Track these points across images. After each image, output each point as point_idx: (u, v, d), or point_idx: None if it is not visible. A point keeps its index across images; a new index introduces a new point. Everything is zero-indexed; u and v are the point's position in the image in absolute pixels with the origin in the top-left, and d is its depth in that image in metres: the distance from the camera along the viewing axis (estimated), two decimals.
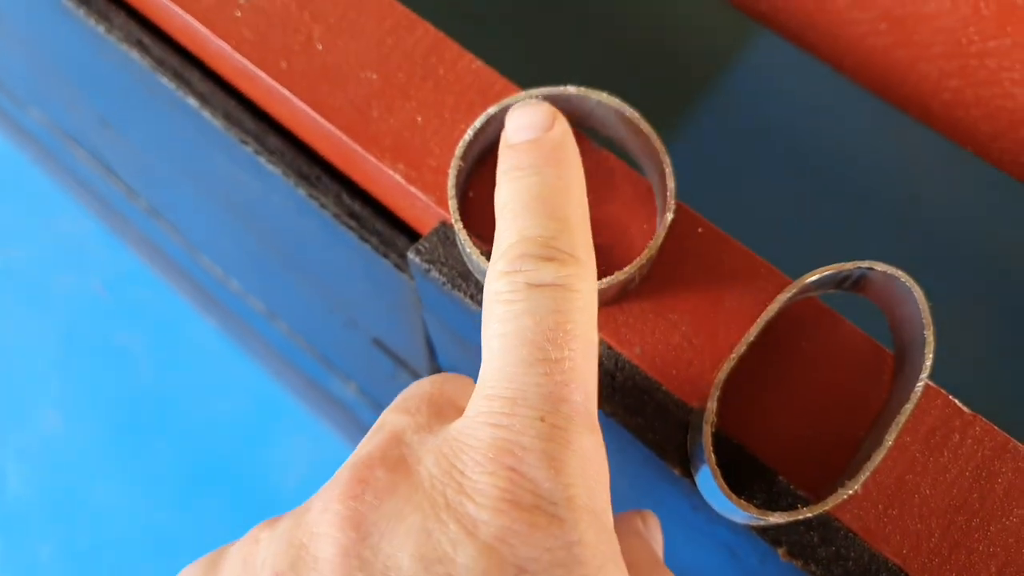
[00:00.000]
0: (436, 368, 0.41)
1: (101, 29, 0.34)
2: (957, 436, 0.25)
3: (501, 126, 0.27)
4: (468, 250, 0.25)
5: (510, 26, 0.77)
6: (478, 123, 0.26)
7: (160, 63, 0.33)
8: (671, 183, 0.26)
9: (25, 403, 1.00)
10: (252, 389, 0.98)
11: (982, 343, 0.70)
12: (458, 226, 0.25)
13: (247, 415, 0.98)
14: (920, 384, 0.23)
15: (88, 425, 0.99)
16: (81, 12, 0.34)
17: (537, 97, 0.26)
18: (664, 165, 0.26)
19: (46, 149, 0.90)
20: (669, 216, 0.25)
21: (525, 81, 0.29)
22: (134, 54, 0.33)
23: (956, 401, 0.26)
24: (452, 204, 0.25)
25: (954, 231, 0.74)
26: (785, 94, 0.79)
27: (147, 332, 1.03)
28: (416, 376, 0.45)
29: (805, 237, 0.74)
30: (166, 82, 0.33)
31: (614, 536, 0.18)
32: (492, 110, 0.26)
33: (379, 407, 0.68)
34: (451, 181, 0.26)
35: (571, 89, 0.26)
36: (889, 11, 0.39)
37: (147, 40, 0.33)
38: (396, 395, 0.22)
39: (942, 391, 0.26)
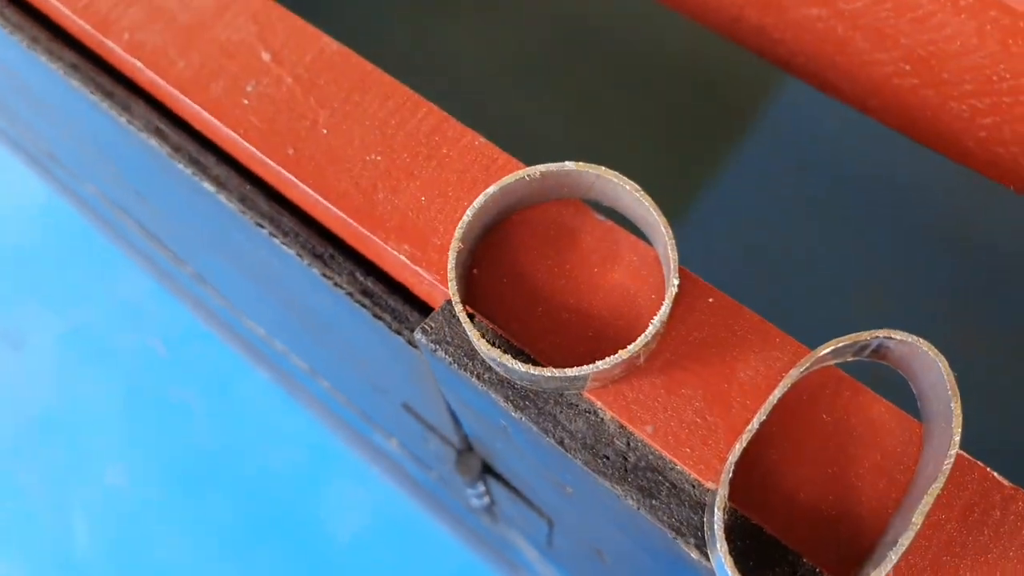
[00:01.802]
0: (462, 436, 0.41)
1: (123, 119, 0.35)
2: (998, 512, 0.24)
3: (500, 204, 0.27)
4: (469, 333, 0.25)
5: (545, 73, 0.78)
6: (477, 204, 0.26)
7: (177, 149, 0.34)
8: (674, 254, 0.25)
9: (91, 458, 1.04)
10: (305, 439, 0.99)
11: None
12: (458, 308, 0.25)
13: (301, 465, 0.99)
14: (949, 461, 0.22)
15: (150, 478, 1.02)
16: (105, 105, 0.35)
17: (537, 173, 0.26)
18: (666, 236, 0.25)
19: (103, 218, 0.94)
20: (673, 289, 0.25)
21: (560, 130, 0.29)
22: (153, 141, 0.34)
23: (995, 474, 0.24)
24: (452, 287, 0.25)
25: (1010, 264, 0.70)
26: (825, 126, 0.77)
27: (203, 388, 1.06)
28: (447, 442, 0.45)
29: (853, 275, 0.71)
30: (183, 167, 0.34)
31: None
32: (491, 190, 0.26)
33: (421, 463, 0.68)
34: (451, 263, 0.25)
35: (569, 165, 0.26)
36: (912, 51, 0.38)
37: (165, 127, 0.34)
38: (432, 456, 0.22)
39: (979, 463, 0.24)
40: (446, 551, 0.92)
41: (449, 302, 0.28)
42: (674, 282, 0.25)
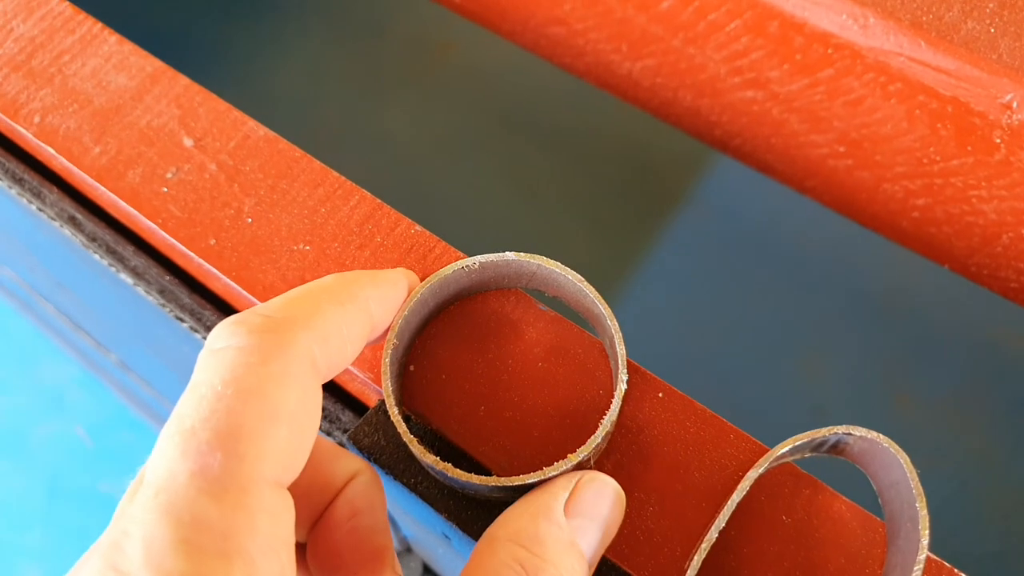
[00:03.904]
0: (402, 538, 0.38)
1: (34, 207, 0.33)
2: None
3: (438, 297, 0.25)
4: (406, 440, 0.23)
5: (479, 152, 0.78)
6: (413, 298, 0.24)
7: (93, 239, 0.32)
8: (621, 348, 0.24)
9: (6, 561, 0.96)
10: None
11: (976, 436, 0.68)
12: (394, 414, 0.23)
13: None
14: (918, 567, 0.21)
15: None
16: (14, 191, 0.33)
17: (476, 264, 0.25)
18: (613, 330, 0.24)
19: (22, 301, 0.89)
20: (623, 386, 0.23)
21: (494, 208, 0.27)
22: (67, 231, 0.32)
23: (961, 575, 0.23)
24: (387, 388, 0.23)
25: (943, 327, 0.72)
26: (758, 203, 0.78)
27: (132, 478, 1.00)
28: None
29: (791, 343, 0.72)
30: (99, 259, 0.32)
31: None
32: (428, 283, 0.24)
33: None
34: (385, 365, 0.24)
35: (510, 255, 0.25)
36: (846, 133, 0.38)
37: (80, 216, 0.32)
38: None
39: (945, 564, 0.23)
40: None
41: (383, 402, 0.26)
42: (623, 378, 0.23)
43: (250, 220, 0.28)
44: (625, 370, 0.23)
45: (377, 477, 0.23)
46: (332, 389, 0.29)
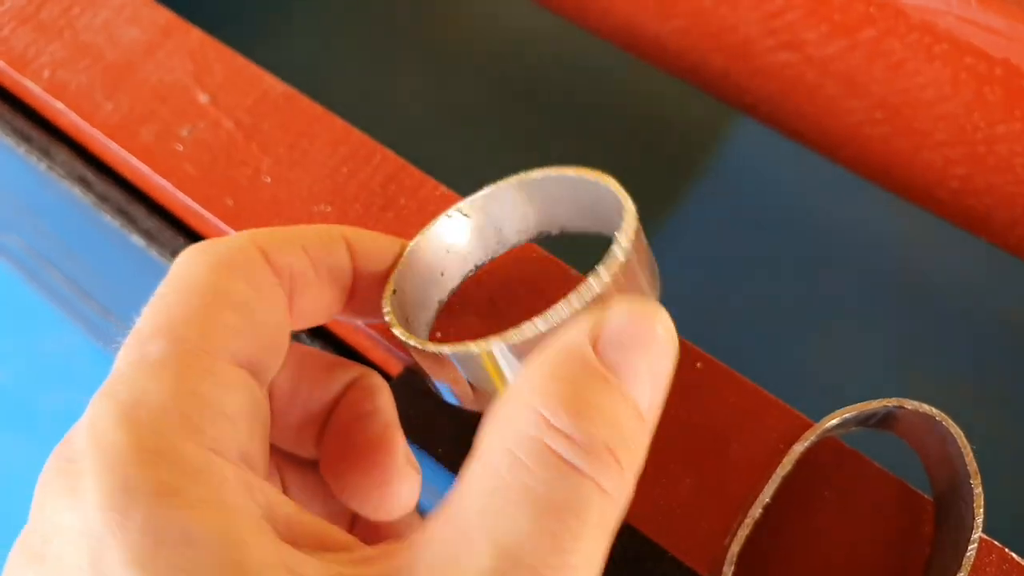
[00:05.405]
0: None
1: (43, 166, 0.32)
2: None
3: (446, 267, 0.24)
4: (393, 329, 0.21)
5: (493, 122, 0.76)
6: (405, 257, 0.22)
7: (103, 199, 0.31)
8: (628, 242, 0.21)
9: (11, 536, 0.95)
10: None
11: (993, 417, 0.67)
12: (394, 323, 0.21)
13: None
14: (972, 547, 0.20)
15: None
16: (22, 150, 0.32)
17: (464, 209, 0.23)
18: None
19: (29, 270, 0.88)
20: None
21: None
22: (76, 191, 0.31)
23: (1013, 555, 0.22)
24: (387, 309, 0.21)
25: (961, 305, 0.70)
26: (779, 173, 0.77)
27: None
28: None
29: (809, 323, 0.70)
30: (109, 220, 0.30)
31: None
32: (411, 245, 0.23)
33: None
34: (384, 299, 0.22)
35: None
36: (884, 99, 0.37)
37: (91, 176, 0.31)
38: None
39: (996, 544, 0.22)
40: None
41: (408, 370, 0.25)
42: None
43: (268, 180, 0.27)
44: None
45: (379, 378, 0.22)
46: (355, 359, 0.28)
